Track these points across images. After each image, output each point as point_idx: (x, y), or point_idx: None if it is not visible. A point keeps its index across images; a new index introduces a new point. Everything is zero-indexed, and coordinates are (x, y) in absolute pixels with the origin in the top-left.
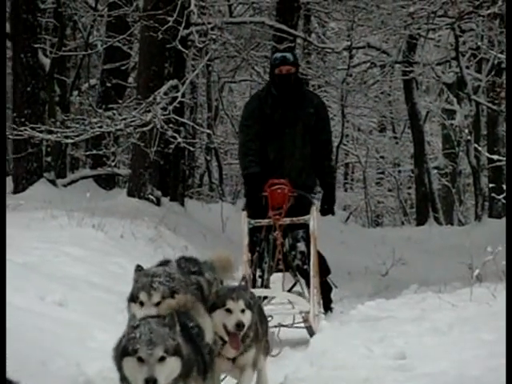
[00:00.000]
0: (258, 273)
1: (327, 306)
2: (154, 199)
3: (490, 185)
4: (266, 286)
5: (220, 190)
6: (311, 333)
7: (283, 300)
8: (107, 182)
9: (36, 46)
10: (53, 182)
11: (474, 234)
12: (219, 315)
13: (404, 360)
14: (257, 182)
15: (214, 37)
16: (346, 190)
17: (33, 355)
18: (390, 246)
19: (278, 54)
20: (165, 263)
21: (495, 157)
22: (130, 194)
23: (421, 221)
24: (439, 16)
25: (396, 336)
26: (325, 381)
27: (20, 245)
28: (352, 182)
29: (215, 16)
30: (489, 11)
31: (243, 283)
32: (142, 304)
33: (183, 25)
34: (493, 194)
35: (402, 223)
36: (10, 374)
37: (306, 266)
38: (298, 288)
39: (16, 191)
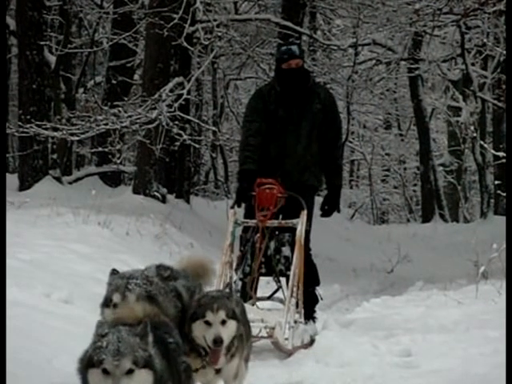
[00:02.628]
0: (239, 275)
1: (309, 316)
2: (160, 196)
3: (496, 182)
4: (244, 288)
5: (225, 187)
6: (278, 348)
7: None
8: (113, 180)
9: (42, 43)
10: (58, 180)
11: (480, 231)
12: (199, 327)
13: (409, 357)
14: (249, 180)
15: (219, 34)
16: (351, 188)
17: (39, 352)
18: (395, 243)
19: (285, 48)
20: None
21: (501, 154)
22: (136, 191)
23: (426, 218)
24: (445, 13)
25: (401, 333)
26: (330, 378)
27: (27, 242)
28: (357, 179)
29: (221, 13)
30: (494, 8)
31: (227, 290)
32: (115, 307)
33: (189, 22)
34: (498, 191)
35: (408, 220)
36: (17, 370)
37: (289, 272)
38: (280, 294)
39: (22, 188)
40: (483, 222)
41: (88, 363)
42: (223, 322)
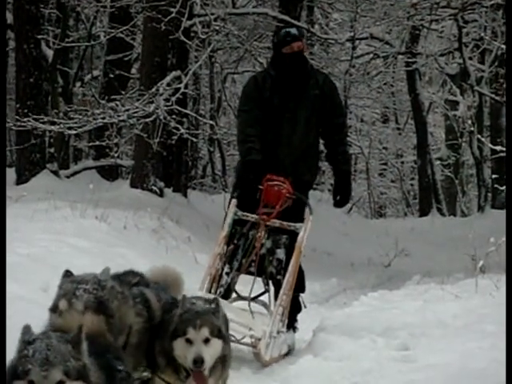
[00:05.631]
0: (226, 269)
1: (290, 325)
2: (157, 190)
3: (493, 176)
4: (230, 286)
5: (223, 181)
6: (257, 358)
7: (237, 316)
8: (110, 173)
9: (39, 37)
10: (56, 173)
11: (477, 224)
12: (180, 345)
13: (407, 351)
14: (256, 172)
15: (216, 28)
16: None
17: None
18: (392, 237)
19: (285, 30)
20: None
21: (498, 148)
22: (133, 185)
23: (424, 212)
24: (442, 7)
25: (399, 327)
26: (328, 372)
27: (24, 236)
28: (355, 173)
29: (218, 7)
30: (492, 2)
31: (213, 305)
32: (61, 314)
33: (186, 16)
34: (496, 185)
35: (405, 214)
36: None
37: (279, 277)
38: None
39: (19, 182)
40: (480, 216)
41: (13, 375)
42: (206, 341)
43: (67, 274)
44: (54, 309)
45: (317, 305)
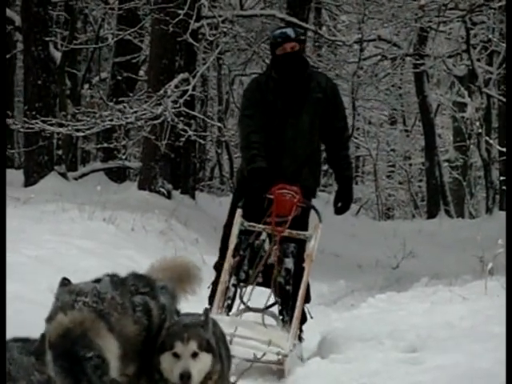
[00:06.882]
0: (233, 281)
1: (298, 336)
2: (165, 192)
3: (501, 178)
4: (234, 296)
5: (231, 183)
6: (281, 375)
7: (254, 332)
8: (118, 175)
9: (47, 39)
10: (64, 175)
11: (485, 226)
12: (167, 359)
13: (415, 353)
14: (262, 180)
15: (224, 30)
16: (356, 183)
17: None
18: (400, 239)
19: (278, 31)
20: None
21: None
22: (141, 187)
23: (432, 214)
24: (450, 9)
25: (407, 329)
26: (335, 374)
27: (32, 238)
28: (363, 174)
29: (226, 9)
30: (500, 3)
31: (203, 318)
32: None
33: (194, 18)
34: (504, 187)
35: (413, 216)
36: None
37: (288, 287)
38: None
39: (27, 184)
40: (489, 218)
41: None
42: (194, 355)
43: (64, 282)
44: (51, 320)
45: (324, 306)
